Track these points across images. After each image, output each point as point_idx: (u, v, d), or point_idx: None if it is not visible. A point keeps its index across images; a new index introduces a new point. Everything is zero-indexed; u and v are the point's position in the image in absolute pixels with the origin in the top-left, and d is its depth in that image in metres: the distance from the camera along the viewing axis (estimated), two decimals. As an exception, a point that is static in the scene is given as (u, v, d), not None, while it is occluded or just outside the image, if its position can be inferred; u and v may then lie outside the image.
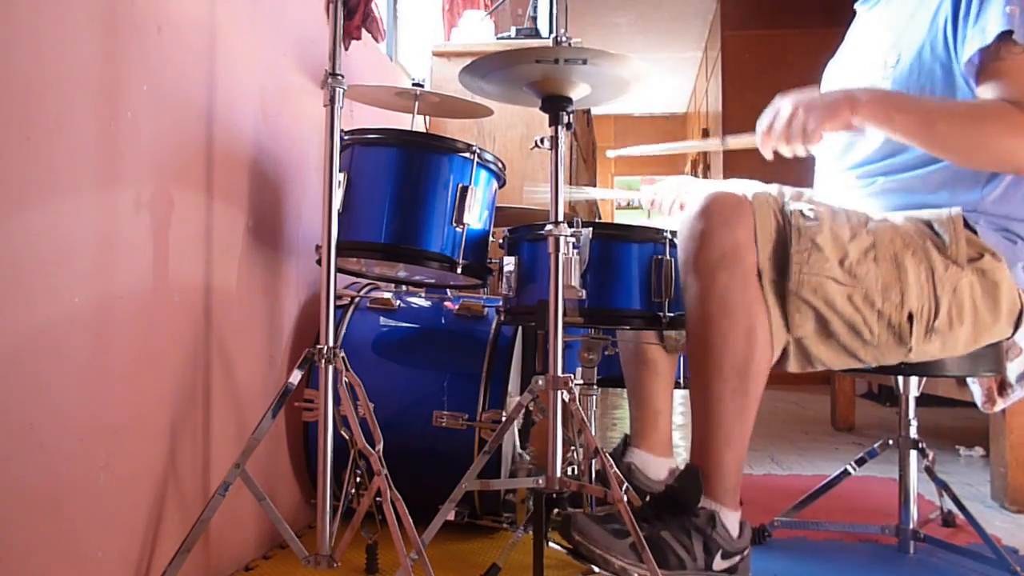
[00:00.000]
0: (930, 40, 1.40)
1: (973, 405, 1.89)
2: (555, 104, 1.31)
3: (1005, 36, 1.29)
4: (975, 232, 1.38)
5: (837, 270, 1.30)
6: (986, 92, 1.32)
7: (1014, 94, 1.29)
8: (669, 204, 1.78)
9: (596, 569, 1.30)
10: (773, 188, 1.39)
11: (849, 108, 1.31)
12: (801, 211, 1.33)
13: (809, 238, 1.31)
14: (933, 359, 1.38)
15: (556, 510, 1.57)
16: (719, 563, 1.28)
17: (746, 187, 1.37)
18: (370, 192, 1.53)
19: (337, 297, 1.35)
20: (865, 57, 1.57)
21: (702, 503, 1.30)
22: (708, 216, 1.31)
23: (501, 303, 1.57)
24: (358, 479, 1.29)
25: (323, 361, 1.24)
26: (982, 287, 1.36)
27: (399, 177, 1.53)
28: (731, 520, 1.30)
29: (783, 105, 1.37)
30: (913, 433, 1.63)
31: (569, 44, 1.27)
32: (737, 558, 1.30)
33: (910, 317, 1.32)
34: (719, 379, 1.29)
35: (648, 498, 1.47)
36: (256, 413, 1.40)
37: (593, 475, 1.47)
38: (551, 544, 1.48)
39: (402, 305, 1.84)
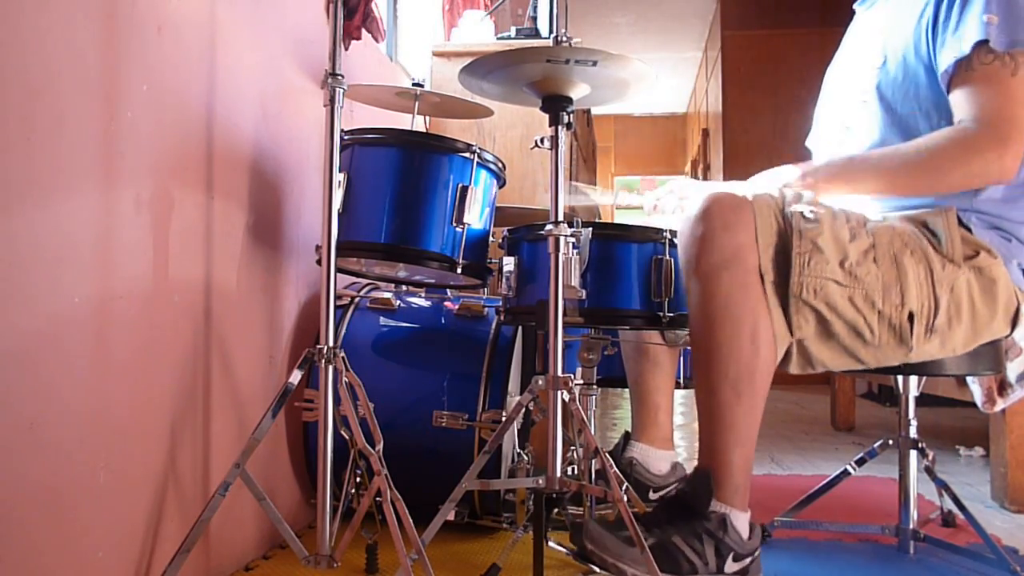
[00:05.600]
0: (915, 43, 1.42)
1: (973, 405, 1.89)
2: (555, 104, 1.31)
3: (981, 45, 1.30)
4: (969, 230, 1.39)
5: (838, 271, 1.30)
6: (956, 100, 1.36)
7: (980, 104, 1.32)
8: (672, 207, 1.78)
9: (596, 569, 1.30)
10: (773, 189, 1.39)
11: (805, 184, 1.42)
12: (802, 213, 1.33)
13: (810, 240, 1.30)
14: (932, 359, 1.38)
15: (556, 510, 1.57)
16: (731, 566, 1.28)
17: (746, 188, 1.38)
18: (370, 192, 1.53)
19: (337, 297, 1.35)
20: (856, 58, 1.58)
21: (712, 506, 1.29)
22: (709, 219, 1.31)
23: (501, 303, 1.57)
24: (358, 479, 1.29)
25: (323, 361, 1.24)
26: (980, 284, 1.36)
27: (399, 177, 1.53)
28: (741, 521, 1.30)
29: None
30: (913, 433, 1.63)
31: (570, 44, 1.27)
32: (748, 560, 1.30)
33: (911, 317, 1.32)
34: (725, 383, 1.29)
35: (658, 502, 1.47)
36: (256, 413, 1.40)
37: (593, 475, 1.47)
38: (551, 544, 1.48)
39: (402, 305, 1.84)
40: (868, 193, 1.45)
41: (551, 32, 1.32)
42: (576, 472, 1.61)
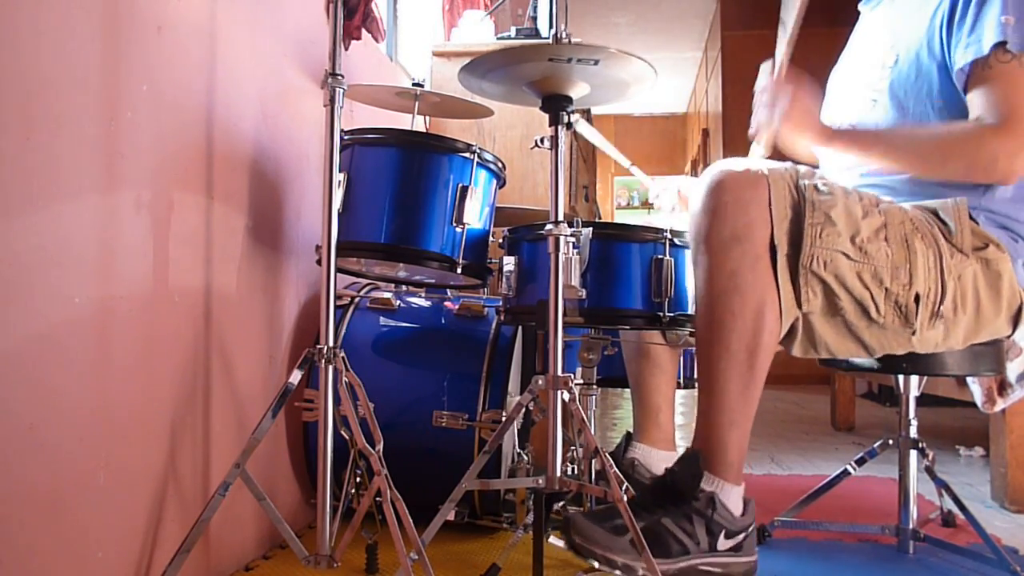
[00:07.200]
0: (927, 41, 1.41)
1: (973, 405, 1.89)
2: (555, 104, 1.31)
3: (999, 46, 1.30)
4: (977, 224, 1.39)
5: (848, 245, 1.30)
6: (973, 100, 1.36)
7: (997, 101, 1.32)
8: (670, 205, 1.78)
9: (598, 566, 1.30)
10: (786, 164, 1.39)
11: (820, 138, 1.45)
12: (816, 185, 1.33)
13: (823, 211, 1.30)
14: (934, 349, 1.38)
15: (556, 505, 1.57)
16: (723, 543, 1.28)
17: (761, 161, 1.37)
18: (370, 192, 1.53)
19: (337, 297, 1.35)
20: (865, 58, 1.58)
21: (702, 483, 1.29)
22: (722, 192, 1.30)
23: (501, 303, 1.57)
24: (358, 479, 1.29)
25: (323, 361, 1.24)
26: (985, 277, 1.36)
27: (399, 177, 1.53)
28: (734, 497, 1.30)
29: (779, 93, 1.47)
30: (913, 433, 1.63)
31: (570, 43, 1.27)
32: (741, 536, 1.29)
33: (916, 299, 1.32)
34: (727, 356, 1.28)
35: (647, 485, 1.46)
36: (256, 413, 1.40)
37: (593, 475, 1.47)
38: (551, 541, 1.48)
39: (402, 305, 1.84)
40: (875, 159, 1.47)
41: (551, 32, 1.32)
42: (576, 472, 1.61)
